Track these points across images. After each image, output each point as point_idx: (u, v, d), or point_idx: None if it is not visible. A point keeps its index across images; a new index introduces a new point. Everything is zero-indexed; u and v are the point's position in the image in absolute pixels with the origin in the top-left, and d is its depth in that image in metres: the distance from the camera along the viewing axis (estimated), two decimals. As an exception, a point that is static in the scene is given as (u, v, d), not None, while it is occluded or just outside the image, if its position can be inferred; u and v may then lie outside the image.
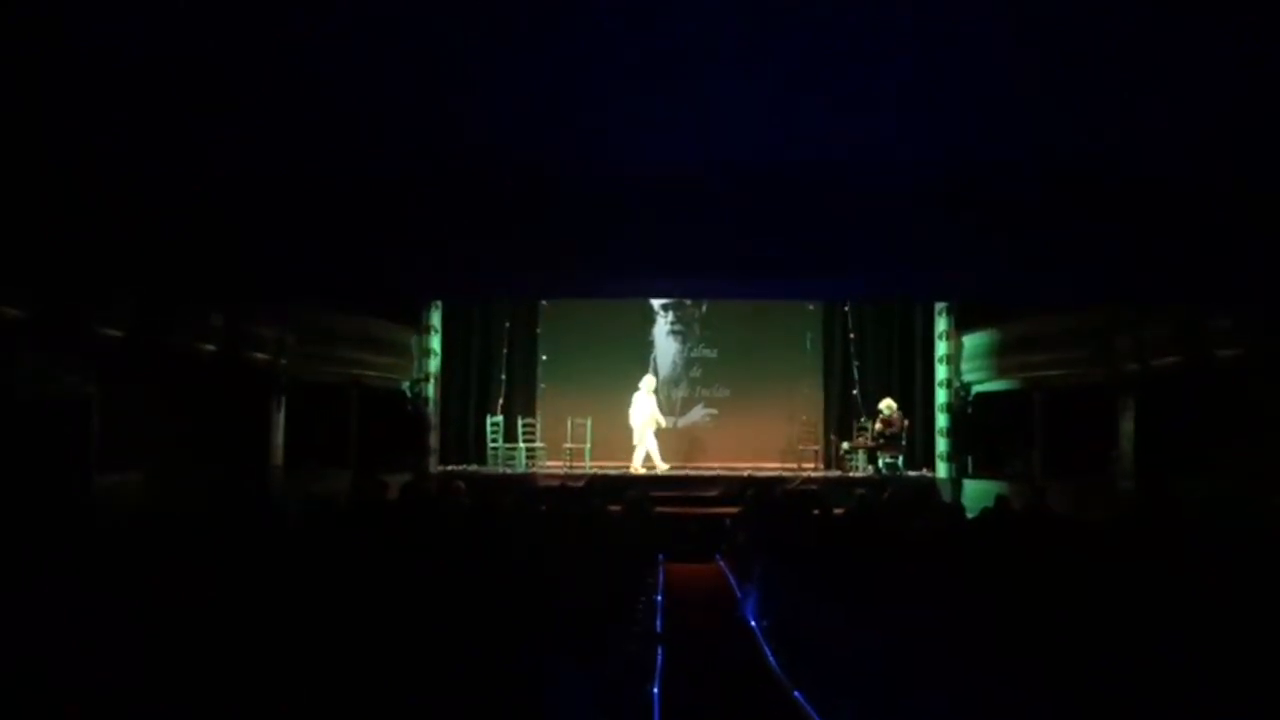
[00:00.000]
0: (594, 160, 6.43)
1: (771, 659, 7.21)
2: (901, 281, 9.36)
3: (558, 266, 8.12)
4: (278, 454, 13.25)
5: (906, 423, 16.18)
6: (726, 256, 7.86)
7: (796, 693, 6.21)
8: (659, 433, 16.62)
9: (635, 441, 16.50)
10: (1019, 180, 6.64)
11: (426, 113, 5.81)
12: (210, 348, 11.83)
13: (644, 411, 16.48)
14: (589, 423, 16.68)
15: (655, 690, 6.26)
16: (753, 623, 8.54)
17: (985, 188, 6.80)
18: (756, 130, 5.78)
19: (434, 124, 6.00)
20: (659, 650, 7.24)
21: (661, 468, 16.35)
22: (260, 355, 12.86)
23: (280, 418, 13.31)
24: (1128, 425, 12.43)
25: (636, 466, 16.33)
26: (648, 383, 16.69)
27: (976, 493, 14.48)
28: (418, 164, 6.77)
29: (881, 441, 16.10)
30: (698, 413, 18.17)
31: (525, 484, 15.01)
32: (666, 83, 5.09)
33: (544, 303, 17.99)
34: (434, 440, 16.89)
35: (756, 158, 6.31)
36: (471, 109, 5.72)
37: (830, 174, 6.54)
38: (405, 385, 16.72)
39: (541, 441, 17.15)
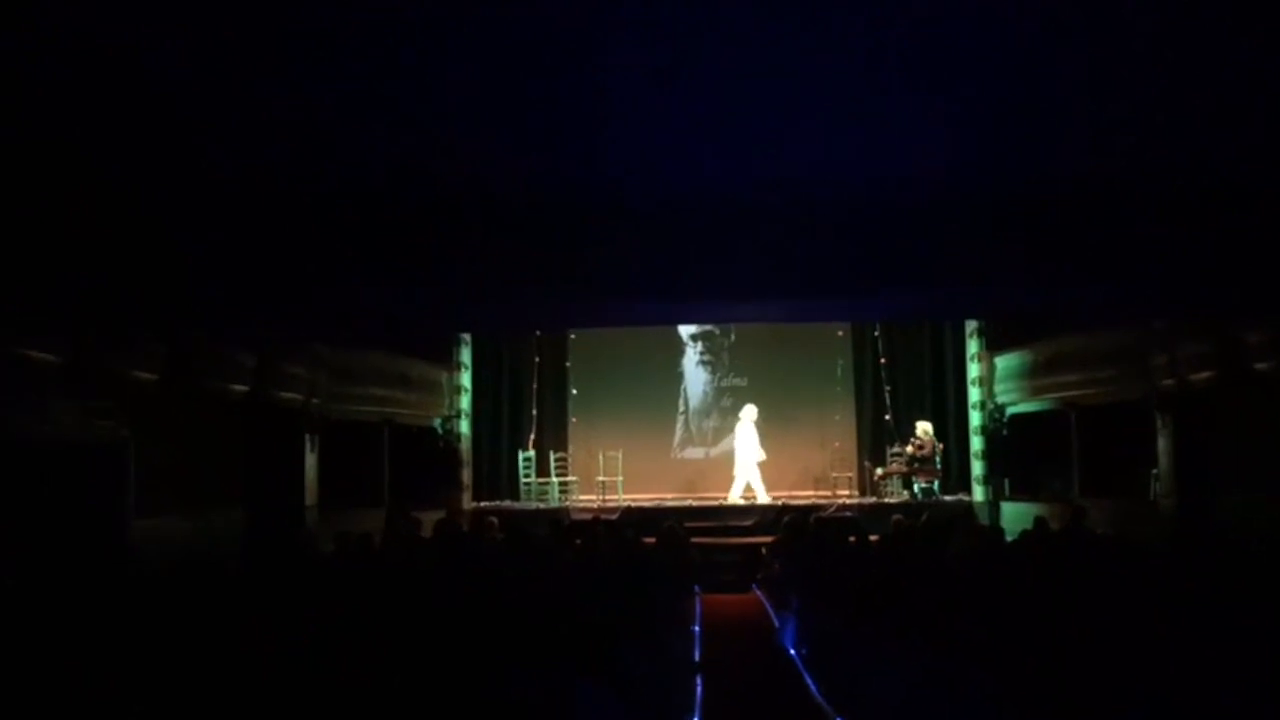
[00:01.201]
0: (619, 182, 6.43)
1: (813, 687, 7.13)
2: (936, 299, 9.27)
3: (572, 288, 8.06)
4: (311, 493, 13.27)
5: (940, 446, 16.03)
6: (756, 277, 7.80)
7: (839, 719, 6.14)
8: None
9: (735, 473, 16.36)
10: (1053, 193, 6.60)
11: (442, 132, 5.79)
12: (242, 388, 11.91)
13: (748, 442, 16.36)
14: (620, 455, 16.66)
15: (695, 720, 6.22)
16: (792, 651, 8.46)
17: (1019, 201, 6.75)
18: (786, 148, 5.76)
19: (449, 145, 5.99)
20: (698, 680, 7.18)
21: (763, 499, 16.10)
22: (292, 395, 12.93)
23: (313, 457, 13.34)
24: (1166, 443, 12.26)
25: (734, 498, 16.16)
26: (749, 412, 16.51)
27: (1015, 515, 14.32)
28: (433, 186, 6.78)
29: (915, 466, 15.96)
30: (730, 443, 18.06)
31: (558, 518, 14.97)
32: (692, 100, 5.08)
33: (573, 336, 18.03)
34: (467, 477, 16.90)
35: (786, 175, 6.29)
36: (488, 126, 5.70)
37: (861, 190, 6.51)
38: (437, 422, 16.77)
39: (574, 475, 17.13)
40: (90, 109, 5.45)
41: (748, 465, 16.29)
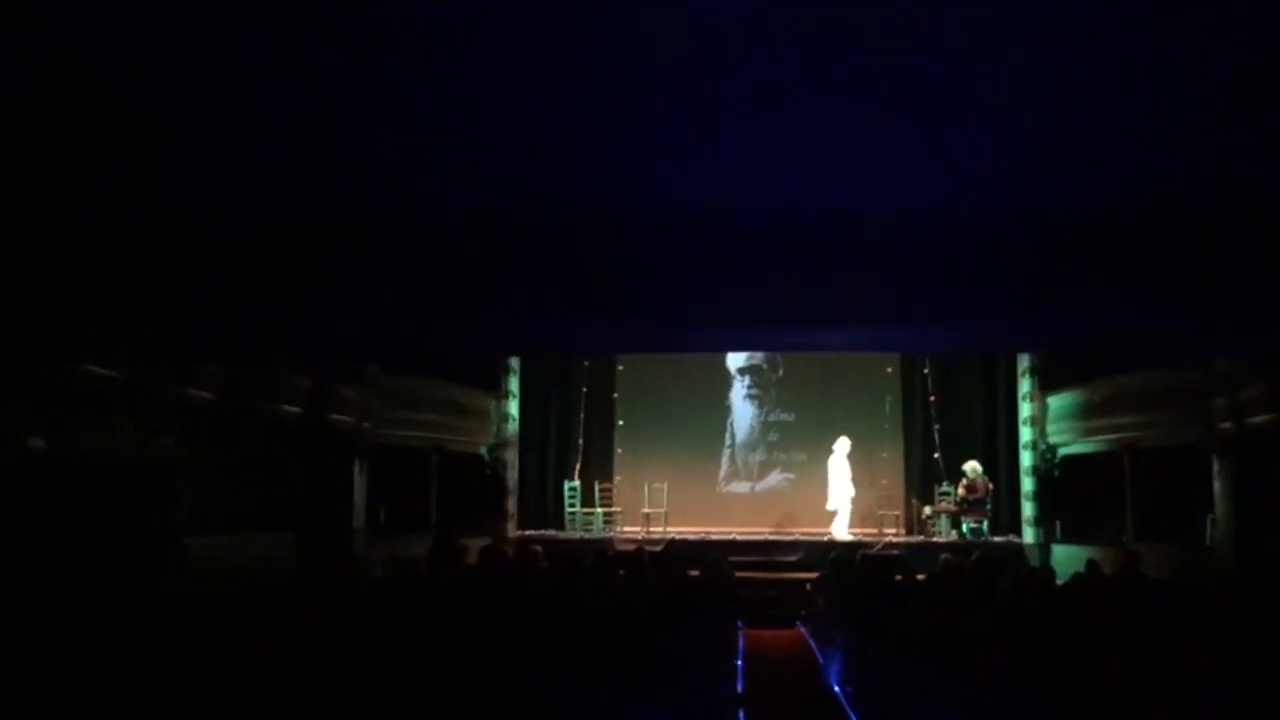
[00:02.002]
0: (654, 202, 6.38)
1: (858, 725, 7.07)
2: (991, 328, 9.14)
3: (612, 311, 8.02)
4: (360, 517, 13.38)
5: (991, 487, 15.83)
6: (800, 304, 7.73)
7: (884, 758, 6.07)
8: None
9: (830, 506, 16.13)
10: (1109, 220, 6.49)
11: (493, 152, 5.78)
12: (296, 411, 12.06)
13: (841, 474, 16.20)
14: (665, 488, 16.64)
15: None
16: (837, 689, 8.38)
17: (1073, 229, 6.66)
18: (825, 171, 5.72)
19: (492, 163, 5.98)
20: (741, 714, 7.14)
21: (843, 536, 15.89)
22: (344, 419, 13.07)
23: (363, 481, 13.47)
24: (1223, 487, 12.04)
25: (842, 532, 15.96)
26: (842, 445, 16.27)
27: (1066, 558, 14.09)
28: (479, 208, 6.79)
29: (965, 506, 15.76)
30: (775, 478, 17.99)
31: (603, 548, 14.95)
32: (737, 127, 5.07)
33: (620, 367, 18.07)
34: (512, 505, 16.97)
35: (836, 204, 6.25)
36: (528, 146, 5.69)
37: (911, 218, 6.45)
38: (484, 450, 16.86)
39: (619, 506, 17.13)
40: (142, 141, 5.57)
41: (841, 497, 16.12)
